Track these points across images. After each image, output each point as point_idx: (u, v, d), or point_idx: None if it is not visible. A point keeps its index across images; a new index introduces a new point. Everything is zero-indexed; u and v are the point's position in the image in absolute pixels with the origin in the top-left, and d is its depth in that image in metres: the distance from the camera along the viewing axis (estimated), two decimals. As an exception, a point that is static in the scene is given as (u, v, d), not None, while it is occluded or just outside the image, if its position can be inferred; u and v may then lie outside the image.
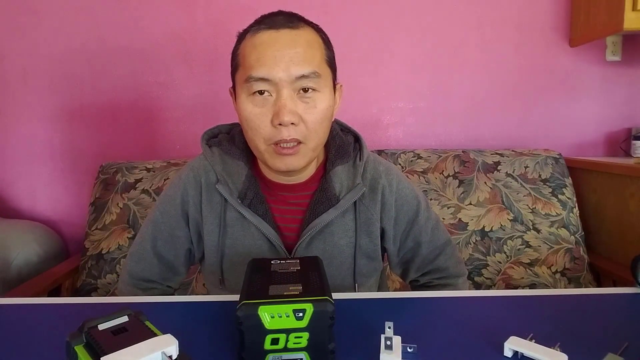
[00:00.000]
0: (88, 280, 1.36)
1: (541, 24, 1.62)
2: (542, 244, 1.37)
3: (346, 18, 1.61)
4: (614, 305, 0.65)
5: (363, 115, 1.64)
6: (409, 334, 0.54)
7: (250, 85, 0.65)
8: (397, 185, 0.77)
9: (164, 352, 0.41)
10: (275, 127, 0.65)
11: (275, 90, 0.65)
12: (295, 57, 0.64)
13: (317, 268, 0.53)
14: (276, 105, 0.65)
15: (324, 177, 0.74)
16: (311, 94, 0.66)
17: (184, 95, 1.63)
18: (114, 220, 1.40)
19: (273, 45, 0.64)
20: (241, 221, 0.73)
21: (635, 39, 1.60)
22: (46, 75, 1.61)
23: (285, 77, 0.64)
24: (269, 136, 0.66)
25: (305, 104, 0.66)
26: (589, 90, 1.64)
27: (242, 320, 0.45)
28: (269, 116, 0.65)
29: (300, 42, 0.66)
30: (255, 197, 0.73)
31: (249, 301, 0.46)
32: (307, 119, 0.66)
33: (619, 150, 1.64)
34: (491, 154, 1.49)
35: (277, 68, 0.64)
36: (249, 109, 0.67)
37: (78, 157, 1.64)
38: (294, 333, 0.46)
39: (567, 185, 1.44)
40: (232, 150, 0.76)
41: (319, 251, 0.73)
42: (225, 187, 0.73)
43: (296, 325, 0.45)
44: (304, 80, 0.65)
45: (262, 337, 0.45)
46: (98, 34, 1.60)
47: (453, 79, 1.64)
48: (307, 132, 0.66)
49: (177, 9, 1.59)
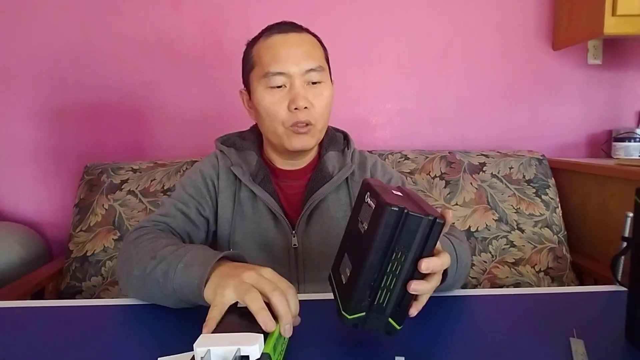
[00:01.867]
0: (72, 282, 1.34)
1: (525, 28, 1.65)
2: (526, 243, 1.39)
3: (335, 20, 1.61)
4: (595, 303, 0.67)
5: (351, 116, 1.64)
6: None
7: (268, 79, 0.78)
8: (382, 165, 0.93)
9: (239, 350, 0.42)
10: (292, 112, 0.78)
11: (290, 81, 0.78)
12: (303, 54, 0.78)
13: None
14: (291, 94, 0.78)
15: (319, 160, 0.88)
16: (317, 85, 0.80)
17: (171, 96, 1.61)
18: (99, 221, 1.38)
19: (284, 44, 0.78)
20: (252, 200, 0.85)
21: (615, 43, 1.64)
22: (30, 74, 1.58)
23: (297, 70, 0.78)
24: (286, 119, 0.78)
25: (313, 92, 0.79)
26: (571, 92, 1.68)
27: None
28: (285, 103, 0.78)
29: (306, 42, 0.80)
30: (265, 177, 0.85)
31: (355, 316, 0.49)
32: (316, 104, 0.79)
33: (600, 152, 1.68)
34: (477, 155, 1.52)
35: (290, 63, 0.77)
36: (268, 99, 0.79)
37: (62, 157, 1.62)
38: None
39: (550, 186, 1.47)
40: (243, 145, 0.89)
41: (318, 224, 0.85)
42: (239, 168, 0.85)
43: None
44: (312, 73, 0.79)
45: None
46: (83, 33, 1.57)
47: (440, 81, 1.66)
48: (317, 115, 0.80)
49: (164, 8, 1.58)
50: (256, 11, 1.57)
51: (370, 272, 0.47)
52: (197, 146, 1.63)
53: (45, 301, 0.74)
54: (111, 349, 0.55)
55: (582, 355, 0.50)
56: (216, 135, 0.93)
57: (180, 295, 0.61)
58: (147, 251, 0.67)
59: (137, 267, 0.66)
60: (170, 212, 0.81)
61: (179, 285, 0.60)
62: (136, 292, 0.68)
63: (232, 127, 0.99)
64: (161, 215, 0.80)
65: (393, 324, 0.49)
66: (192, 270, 0.59)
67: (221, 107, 1.60)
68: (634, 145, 1.56)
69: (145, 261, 0.65)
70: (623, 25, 1.34)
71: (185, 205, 0.83)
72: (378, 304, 0.48)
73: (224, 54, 1.58)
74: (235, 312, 0.49)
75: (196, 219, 0.83)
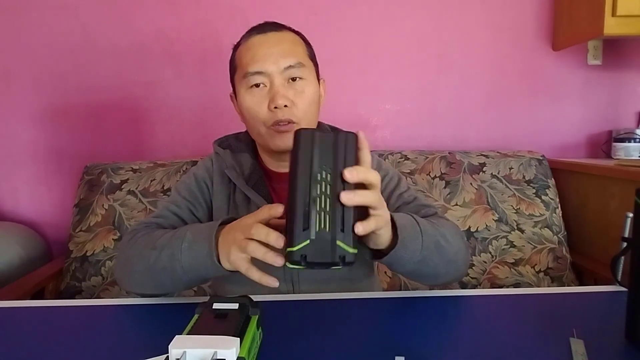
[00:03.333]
0: (72, 282, 1.34)
1: (525, 29, 1.65)
2: (526, 243, 1.39)
3: (334, 20, 1.61)
4: (595, 303, 0.67)
5: (351, 116, 1.64)
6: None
7: (247, 79, 0.77)
8: (377, 162, 0.88)
9: (216, 353, 0.42)
10: (272, 111, 0.76)
11: (269, 80, 0.76)
12: (282, 52, 0.76)
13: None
14: (271, 93, 0.76)
15: None
16: (299, 82, 0.78)
17: (171, 95, 1.61)
18: (99, 221, 1.38)
19: (263, 44, 0.77)
20: (246, 203, 0.83)
21: (615, 44, 1.64)
22: (30, 74, 1.58)
23: (275, 69, 0.76)
24: (267, 119, 0.77)
25: (294, 90, 0.77)
26: (571, 93, 1.68)
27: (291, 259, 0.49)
28: (265, 103, 0.76)
29: (285, 40, 0.79)
30: (259, 180, 0.83)
31: (299, 247, 0.48)
32: (297, 102, 0.77)
33: (600, 152, 1.68)
34: (477, 156, 1.52)
35: (269, 62, 0.76)
36: (248, 100, 0.78)
37: (62, 157, 1.62)
38: None
39: (550, 186, 1.47)
40: (239, 147, 0.88)
41: None
42: (233, 171, 0.83)
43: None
44: (291, 70, 0.76)
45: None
46: (83, 33, 1.57)
47: (440, 81, 1.66)
48: (299, 114, 0.77)
49: (164, 7, 1.58)
50: (256, 11, 1.57)
51: (301, 196, 0.48)
52: (196, 146, 1.63)
53: (45, 301, 0.74)
54: (111, 349, 0.55)
55: (582, 356, 0.50)
56: (216, 135, 0.93)
57: (191, 274, 0.63)
58: (144, 246, 0.69)
59: (139, 263, 0.67)
60: (162, 213, 0.81)
61: (188, 264, 0.62)
62: (142, 287, 0.69)
63: (232, 126, 0.99)
64: (153, 217, 0.81)
65: (344, 246, 0.48)
66: (197, 246, 0.62)
67: (221, 107, 1.60)
68: (634, 146, 1.56)
69: (146, 254, 0.67)
70: (623, 26, 1.34)
71: (177, 207, 0.82)
72: (320, 229, 0.48)
73: (223, 54, 1.56)
74: (211, 314, 0.49)
75: (188, 218, 0.83)
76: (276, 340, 0.54)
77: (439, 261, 0.66)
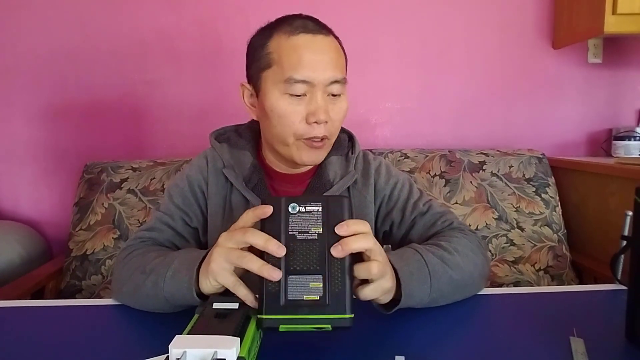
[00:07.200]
0: (72, 281, 1.34)
1: (525, 27, 1.64)
2: (526, 242, 1.39)
3: (335, 19, 1.59)
4: (595, 302, 0.67)
5: (351, 115, 1.61)
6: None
7: (289, 85, 0.70)
8: (387, 169, 0.85)
9: (216, 353, 0.42)
10: (309, 124, 0.71)
11: (311, 91, 0.71)
12: (330, 63, 0.71)
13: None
14: (311, 105, 0.71)
15: (319, 166, 0.81)
16: (338, 98, 0.74)
17: (171, 94, 1.61)
18: (98, 220, 1.38)
19: (310, 48, 0.70)
20: (244, 205, 0.78)
21: (615, 42, 1.64)
22: (30, 73, 1.58)
23: (322, 81, 0.71)
24: (302, 132, 0.72)
25: (333, 105, 0.73)
26: (571, 91, 1.68)
27: (261, 326, 0.49)
28: (302, 114, 0.71)
29: (332, 48, 0.73)
30: (259, 182, 0.78)
31: (269, 317, 0.48)
32: (333, 117, 0.73)
33: (600, 150, 1.68)
34: (477, 154, 1.52)
35: (317, 72, 0.70)
36: (284, 106, 0.71)
37: (62, 156, 1.61)
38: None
39: (550, 185, 1.47)
40: (239, 143, 0.82)
41: None
42: (231, 171, 0.79)
43: (316, 328, 0.49)
44: (335, 86, 0.72)
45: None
46: (83, 32, 1.57)
47: (440, 80, 1.66)
48: (333, 130, 0.75)
49: (163, 6, 1.57)
50: (256, 9, 1.56)
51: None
52: (196, 144, 1.62)
53: (45, 301, 0.74)
54: (111, 348, 0.55)
55: (582, 355, 0.50)
56: (216, 135, 0.91)
57: (172, 302, 0.61)
58: (136, 267, 0.66)
59: (127, 284, 0.66)
60: (156, 226, 0.78)
61: (170, 294, 0.60)
62: (131, 305, 0.67)
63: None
64: (147, 231, 0.77)
65: (335, 316, 0.48)
66: (180, 276, 0.59)
67: (221, 106, 1.59)
68: (634, 144, 1.56)
69: (135, 278, 0.65)
70: (623, 24, 1.34)
71: (170, 218, 0.78)
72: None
73: (223, 53, 1.57)
74: (211, 314, 0.49)
75: (183, 230, 0.79)
76: (276, 340, 0.54)
77: (453, 291, 0.65)
